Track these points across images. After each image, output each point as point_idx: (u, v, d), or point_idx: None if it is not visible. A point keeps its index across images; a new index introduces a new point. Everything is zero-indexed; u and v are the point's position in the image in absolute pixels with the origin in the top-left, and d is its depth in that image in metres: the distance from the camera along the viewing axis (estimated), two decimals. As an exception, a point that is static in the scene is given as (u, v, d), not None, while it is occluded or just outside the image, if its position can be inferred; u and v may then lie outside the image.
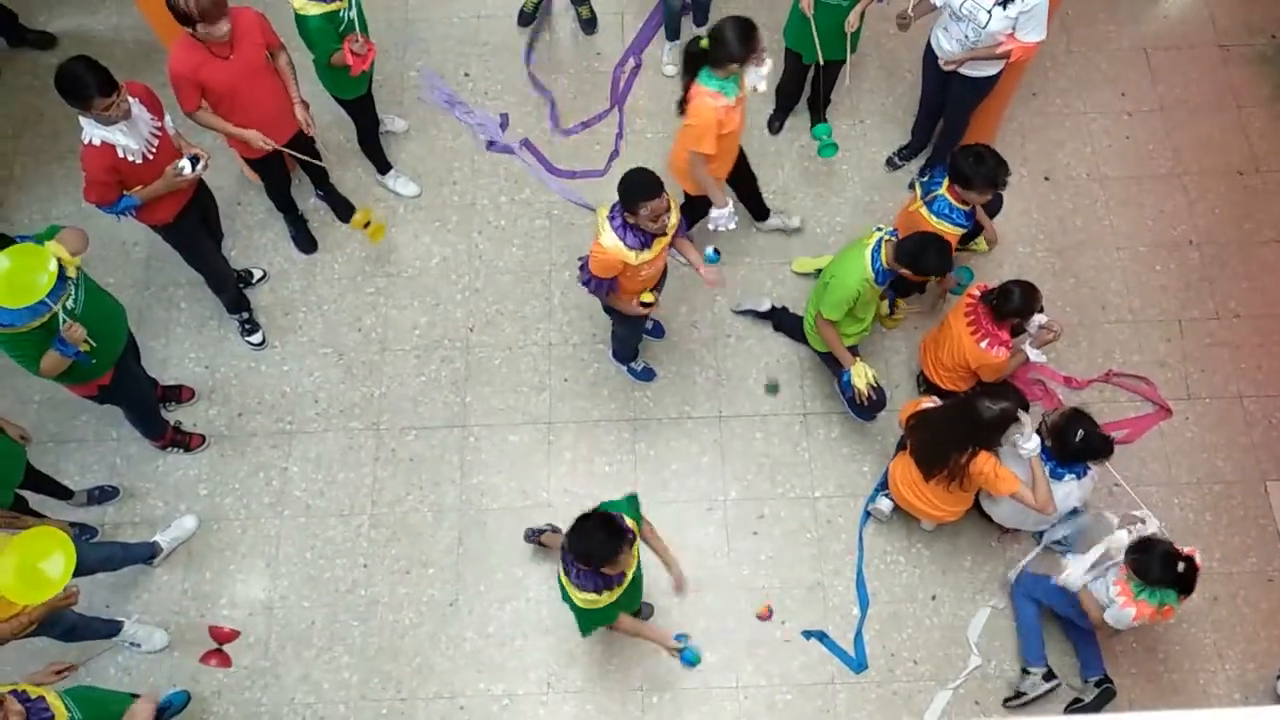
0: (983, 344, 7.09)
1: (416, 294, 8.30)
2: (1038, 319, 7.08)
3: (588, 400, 7.96)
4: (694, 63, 6.89)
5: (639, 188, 6.11)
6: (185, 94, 6.88)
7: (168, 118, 6.89)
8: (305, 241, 8.45)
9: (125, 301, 7.40)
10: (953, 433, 6.71)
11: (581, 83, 9.05)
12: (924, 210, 7.27)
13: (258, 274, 8.32)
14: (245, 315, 8.11)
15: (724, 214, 7.37)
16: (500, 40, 9.14)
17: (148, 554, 7.45)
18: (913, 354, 8.13)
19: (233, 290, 7.95)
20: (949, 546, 7.59)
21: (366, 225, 7.94)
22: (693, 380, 8.02)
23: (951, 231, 7.23)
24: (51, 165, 8.78)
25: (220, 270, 7.80)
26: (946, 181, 7.22)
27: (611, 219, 6.37)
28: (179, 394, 8.01)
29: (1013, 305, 6.94)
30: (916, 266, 6.84)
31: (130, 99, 6.48)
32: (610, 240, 6.36)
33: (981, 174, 7.01)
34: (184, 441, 7.86)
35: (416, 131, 8.92)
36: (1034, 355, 7.14)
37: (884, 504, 7.52)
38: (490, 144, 8.76)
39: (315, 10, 7.08)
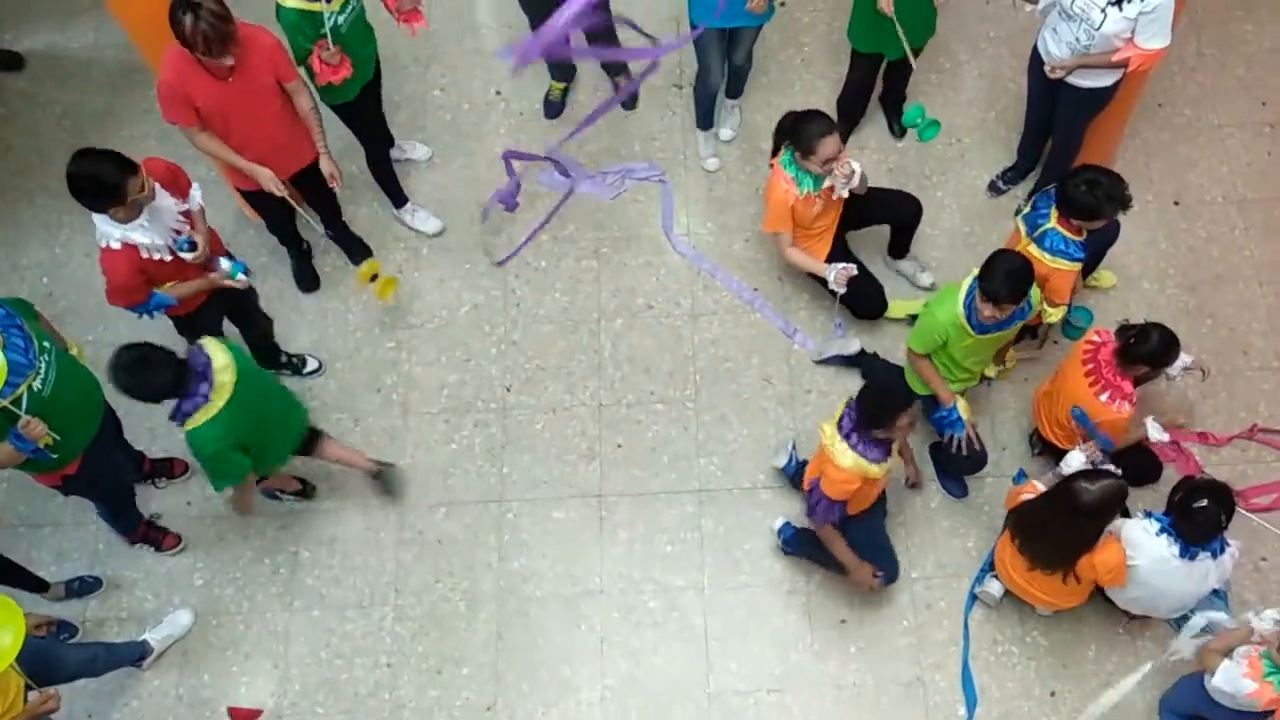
0: (1102, 396, 7.42)
1: (444, 348, 8.86)
2: (1182, 360, 7.47)
3: (645, 469, 8.50)
4: (779, 136, 8.05)
5: (890, 404, 6.98)
6: (175, 109, 7.38)
7: (194, 190, 7.39)
8: (307, 279, 9.06)
9: (105, 357, 7.84)
10: (1053, 524, 7.11)
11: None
12: (1034, 250, 7.64)
13: (312, 363, 8.84)
14: (284, 358, 8.71)
15: (838, 269, 8.15)
16: (534, 52, 9.73)
17: (136, 655, 7.86)
18: (1024, 409, 8.59)
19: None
20: (1070, 635, 7.99)
21: (374, 279, 8.52)
22: (767, 444, 8.54)
23: (1069, 268, 7.65)
24: (19, 204, 9.46)
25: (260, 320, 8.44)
26: (1054, 211, 7.60)
27: (846, 437, 7.08)
28: (170, 468, 8.49)
29: (1148, 348, 7.27)
30: (986, 287, 7.19)
31: (157, 191, 6.95)
32: (850, 459, 7.06)
33: (1096, 199, 7.37)
34: (155, 539, 8.30)
35: (442, 159, 9.55)
36: (1155, 434, 7.57)
37: (993, 587, 7.93)
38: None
39: (291, 3, 7.57)
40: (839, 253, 8.48)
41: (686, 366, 8.80)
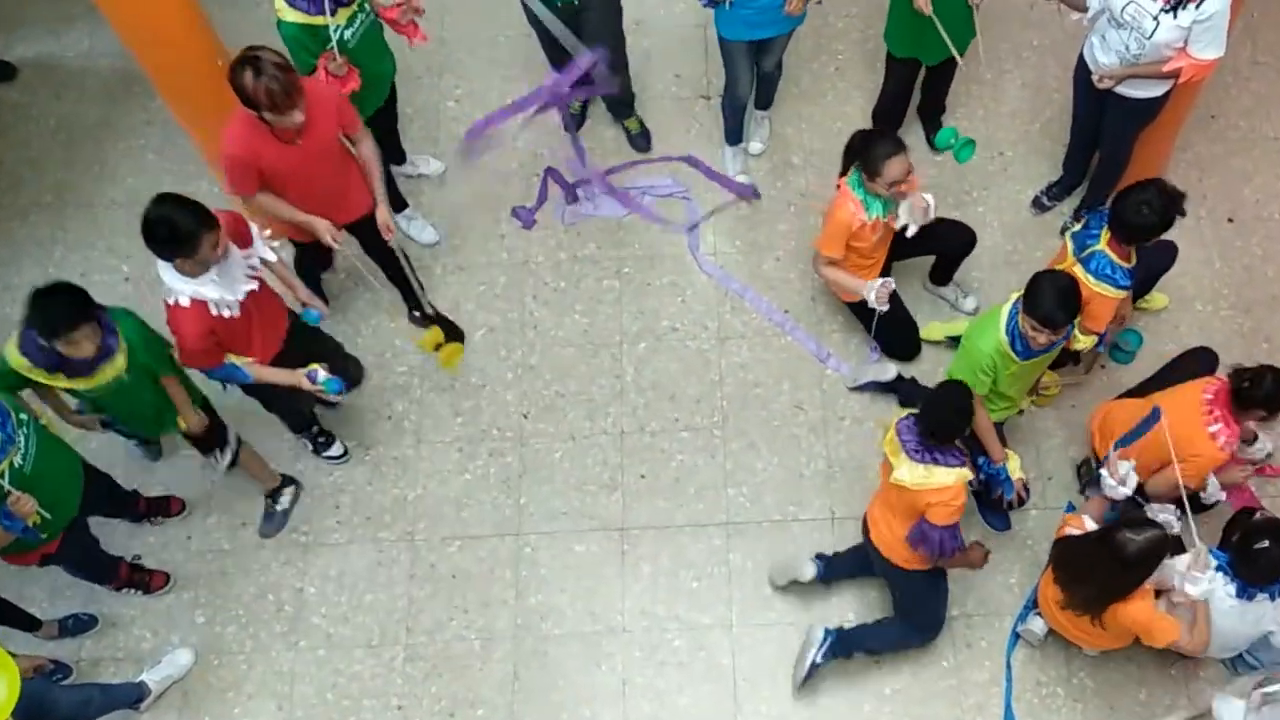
0: (1212, 428, 7.31)
1: (458, 373, 8.91)
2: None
3: (670, 500, 8.54)
4: (848, 156, 8.07)
5: (960, 409, 6.99)
6: (241, 180, 7.38)
7: (260, 239, 7.29)
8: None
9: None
10: (1091, 570, 7.05)
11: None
12: (1079, 271, 7.63)
13: (338, 448, 8.69)
14: (315, 430, 8.58)
15: (877, 286, 8.16)
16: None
17: (133, 697, 7.88)
18: (1070, 438, 8.62)
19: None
20: (1118, 676, 8.00)
21: (438, 348, 8.50)
22: (799, 474, 8.59)
23: (1112, 295, 7.64)
24: (12, 222, 9.54)
25: (305, 413, 8.39)
26: (1106, 233, 7.57)
27: (925, 459, 6.98)
28: (167, 506, 8.53)
29: (1263, 392, 7.18)
30: (1036, 313, 7.15)
31: (229, 246, 6.89)
32: (952, 475, 6.98)
33: (1151, 223, 7.33)
34: (143, 582, 8.30)
35: (455, 173, 9.60)
36: (1214, 494, 7.52)
37: (1036, 625, 7.93)
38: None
39: (292, 17, 7.60)
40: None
41: (713, 392, 8.84)
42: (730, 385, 8.85)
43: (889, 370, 8.70)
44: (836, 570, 8.12)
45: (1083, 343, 7.81)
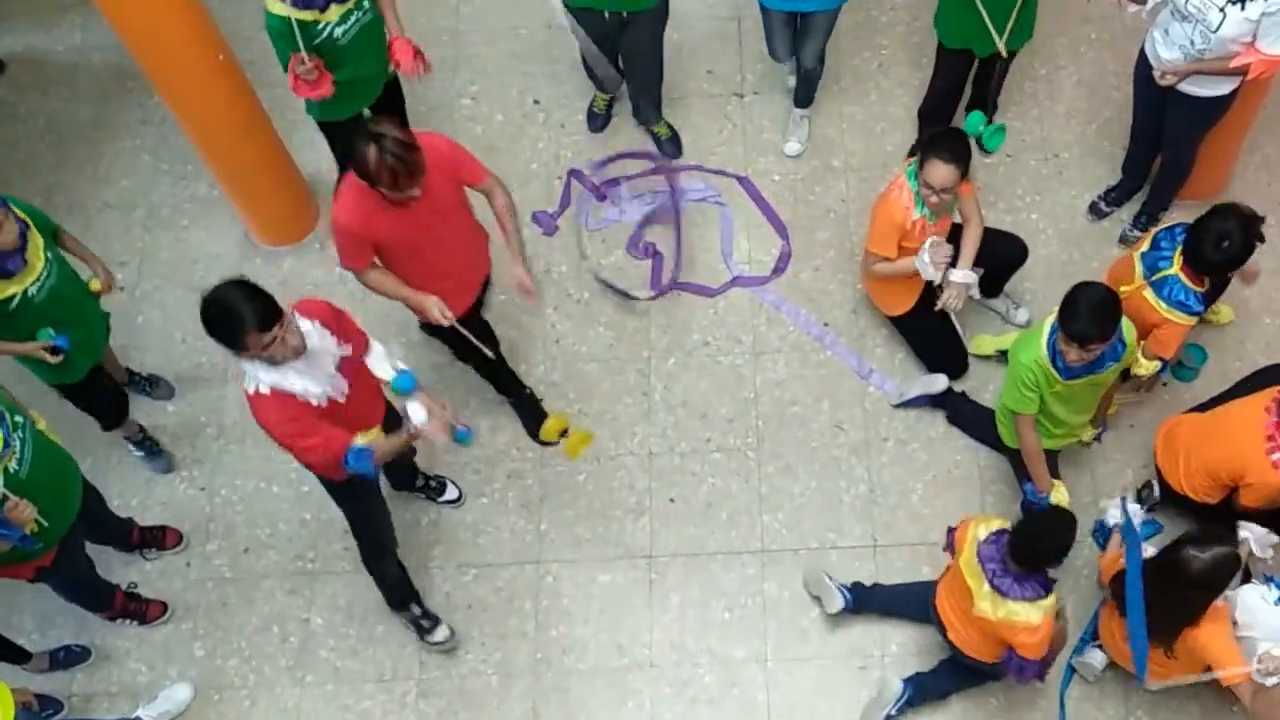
0: (1276, 455, 7.33)
1: (472, 389, 8.91)
2: None
3: (700, 526, 8.59)
4: (914, 149, 8.17)
5: (1059, 537, 6.87)
6: (352, 253, 7.24)
7: (377, 347, 7.11)
8: None
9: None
10: (1157, 595, 7.03)
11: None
12: (1149, 295, 7.67)
13: (452, 491, 8.69)
14: (418, 612, 8.22)
15: (923, 253, 8.09)
16: (576, 57, 9.76)
17: None
18: (1128, 460, 8.63)
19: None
20: (1178, 715, 8.00)
21: (563, 435, 8.52)
22: (838, 499, 8.64)
23: (1184, 322, 7.66)
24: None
25: (388, 538, 7.99)
26: (1179, 257, 7.56)
27: (1012, 586, 6.95)
28: (162, 538, 8.58)
29: None
30: (1069, 327, 7.15)
31: (307, 323, 6.51)
32: (1039, 612, 6.93)
33: (1233, 255, 7.34)
34: (139, 611, 8.35)
35: None
36: (1260, 549, 7.50)
37: (1094, 658, 7.93)
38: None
39: (279, 10, 7.62)
40: (925, 294, 8.52)
41: (748, 411, 8.89)
42: (765, 404, 8.90)
43: (938, 382, 8.70)
44: (869, 605, 8.18)
45: (1146, 368, 7.84)
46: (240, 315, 6.14)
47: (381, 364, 7.05)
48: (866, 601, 8.15)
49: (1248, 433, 7.41)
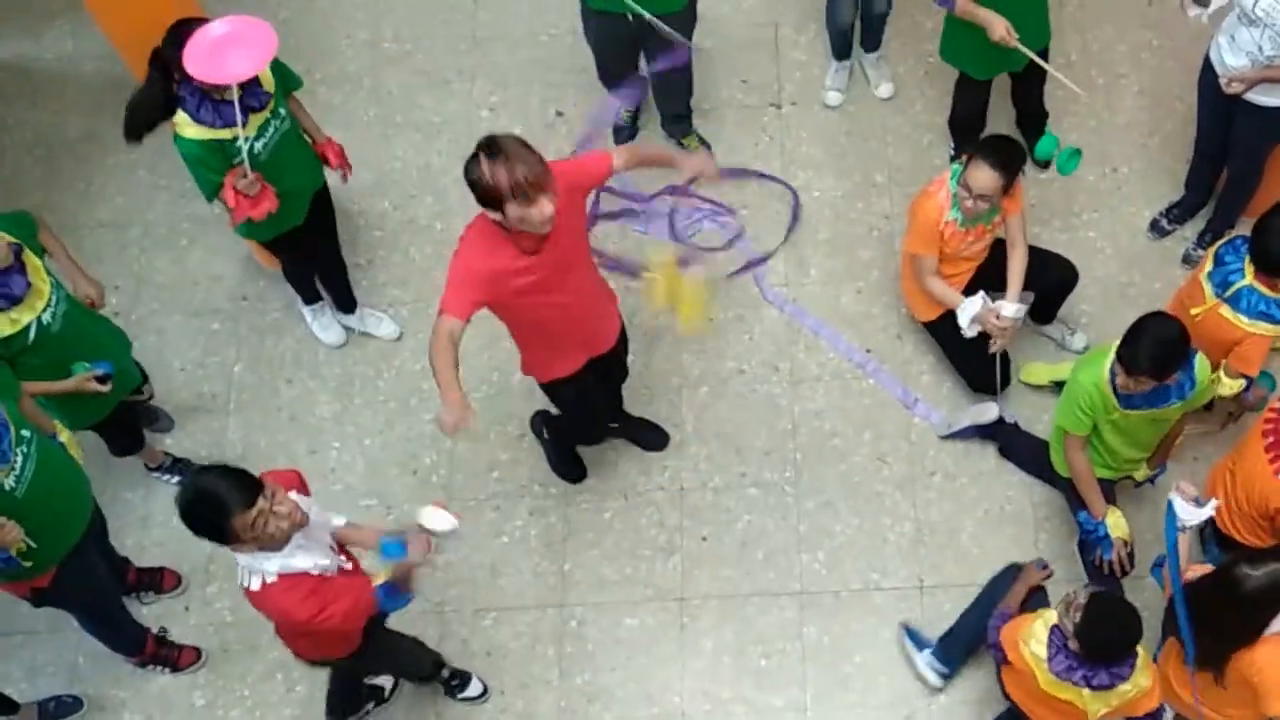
0: (1277, 464, 7.40)
1: (494, 420, 9.09)
2: None
3: (735, 567, 8.69)
4: (959, 152, 8.29)
5: (1129, 631, 6.84)
6: (461, 300, 6.79)
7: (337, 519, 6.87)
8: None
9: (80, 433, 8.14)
10: (1209, 613, 7.00)
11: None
12: (1226, 312, 7.71)
13: (475, 687, 8.42)
14: (447, 673, 8.24)
15: (970, 305, 8.27)
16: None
17: None
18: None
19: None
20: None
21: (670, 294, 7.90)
22: (882, 537, 8.74)
23: (1268, 333, 7.71)
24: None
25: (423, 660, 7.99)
26: (1249, 267, 7.62)
27: (1082, 675, 6.91)
28: (160, 580, 8.69)
29: None
30: (1123, 351, 7.24)
31: (293, 498, 6.30)
32: (1145, 678, 6.97)
33: None
34: (171, 658, 8.44)
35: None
36: None
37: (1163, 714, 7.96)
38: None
39: (193, 133, 7.64)
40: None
41: (785, 443, 9.00)
42: (804, 435, 9.01)
43: (988, 412, 8.78)
44: (957, 655, 8.27)
45: (1229, 387, 7.86)
46: (219, 498, 5.96)
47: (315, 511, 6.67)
48: (954, 655, 8.23)
49: (1254, 463, 7.49)
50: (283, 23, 7.97)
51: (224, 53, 7.37)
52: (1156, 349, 7.21)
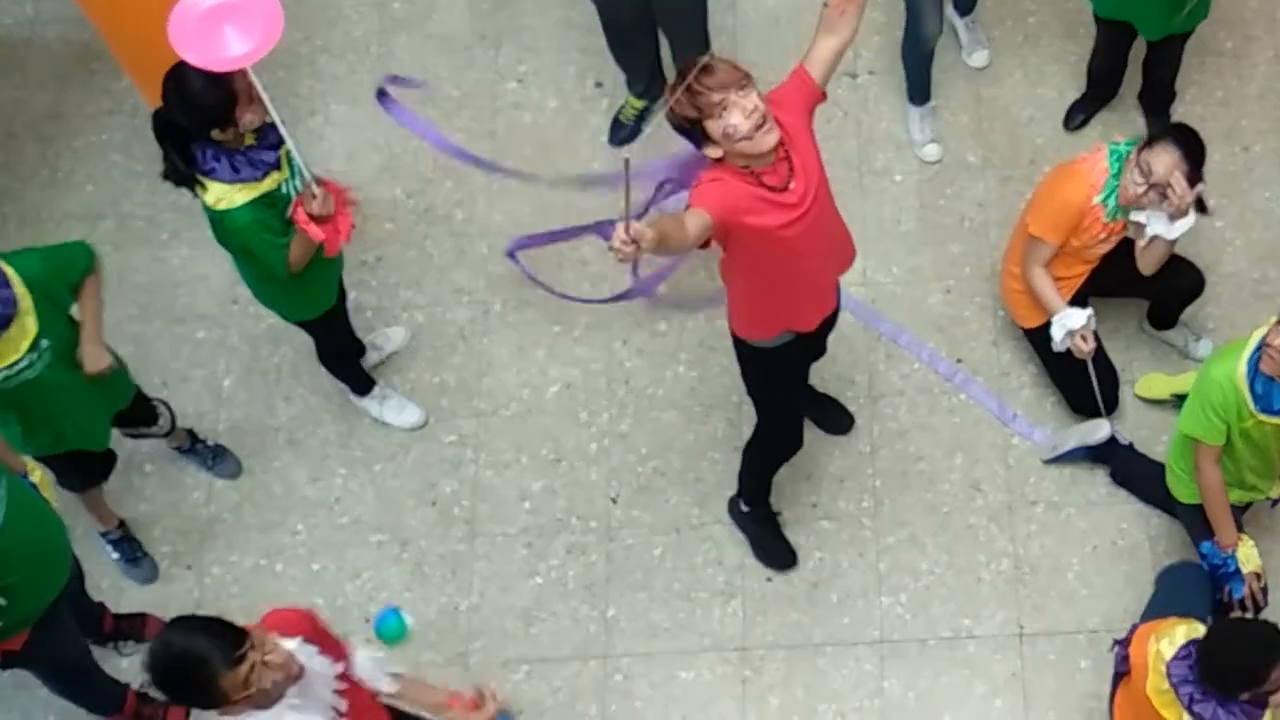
0: None
1: (524, 444, 9.26)
2: None
3: (805, 611, 8.82)
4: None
5: (1260, 659, 6.86)
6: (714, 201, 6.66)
7: (360, 655, 6.69)
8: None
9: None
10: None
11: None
12: None
13: None
14: None
15: (1073, 318, 8.35)
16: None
17: None
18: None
19: None
20: None
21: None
22: (975, 576, 8.87)
23: None
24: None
25: None
26: None
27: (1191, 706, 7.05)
28: (141, 628, 8.79)
29: None
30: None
31: (291, 642, 6.11)
32: None
33: None
34: (156, 718, 8.53)
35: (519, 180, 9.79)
36: None
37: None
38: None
39: (244, 199, 7.54)
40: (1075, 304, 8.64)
41: (862, 469, 9.13)
42: (884, 459, 9.14)
43: (1099, 430, 8.83)
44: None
45: None
46: (202, 658, 5.73)
47: (376, 675, 6.68)
48: None
49: None
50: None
51: (217, 29, 7.08)
52: None
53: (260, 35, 7.11)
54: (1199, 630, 7.07)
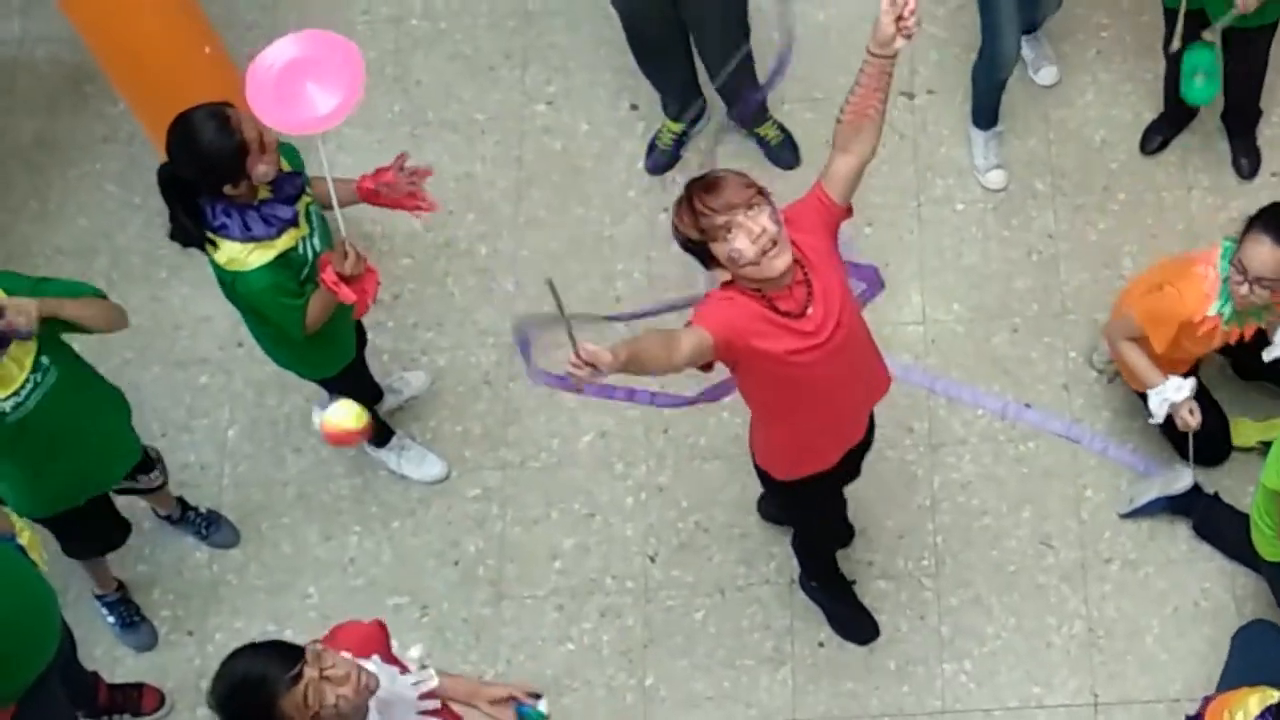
0: None
1: (555, 498, 9.50)
2: None
3: (860, 680, 9.02)
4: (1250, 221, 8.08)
5: None
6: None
7: (415, 652, 6.87)
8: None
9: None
10: None
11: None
12: None
13: None
14: None
15: (1174, 389, 8.40)
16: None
17: None
18: None
19: None
20: None
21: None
22: (1045, 640, 9.06)
23: None
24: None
25: None
26: None
27: None
28: (138, 700, 9.04)
29: None
30: None
31: (361, 665, 6.16)
32: None
33: None
34: None
35: (550, 210, 10.08)
36: None
37: None
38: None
39: (258, 260, 7.66)
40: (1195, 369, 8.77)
41: (922, 524, 9.33)
42: (946, 513, 9.33)
43: (1181, 479, 8.96)
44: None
45: None
46: (261, 678, 5.92)
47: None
48: None
49: None
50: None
51: (299, 86, 7.36)
52: None
53: (345, 88, 7.34)
54: (1273, 697, 7.21)
